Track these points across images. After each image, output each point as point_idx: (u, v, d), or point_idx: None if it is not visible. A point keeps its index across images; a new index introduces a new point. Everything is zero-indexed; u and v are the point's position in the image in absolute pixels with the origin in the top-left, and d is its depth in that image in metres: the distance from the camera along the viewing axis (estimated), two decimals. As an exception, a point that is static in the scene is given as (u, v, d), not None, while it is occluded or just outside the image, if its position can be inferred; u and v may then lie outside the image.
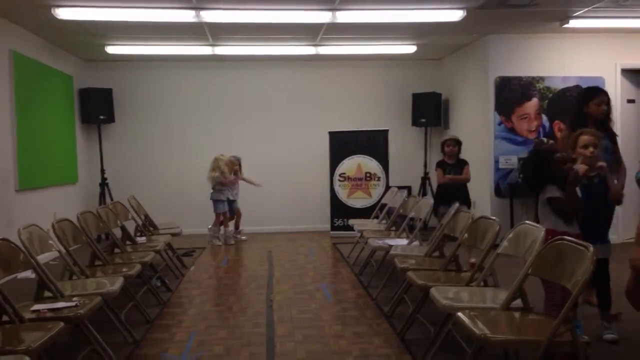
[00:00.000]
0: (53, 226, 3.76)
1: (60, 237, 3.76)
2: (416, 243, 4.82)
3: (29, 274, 3.39)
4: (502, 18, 6.08)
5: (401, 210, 5.76)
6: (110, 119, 7.95)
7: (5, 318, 2.72)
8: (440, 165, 5.87)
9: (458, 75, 8.02)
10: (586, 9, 5.78)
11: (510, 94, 6.92)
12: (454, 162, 5.78)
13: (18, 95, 5.92)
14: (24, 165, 5.99)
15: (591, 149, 3.45)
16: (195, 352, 3.46)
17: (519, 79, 6.93)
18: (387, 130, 8.08)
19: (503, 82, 6.91)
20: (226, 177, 7.30)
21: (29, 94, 6.20)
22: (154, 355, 3.44)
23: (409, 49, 7.59)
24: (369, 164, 8.05)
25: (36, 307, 2.96)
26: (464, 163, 5.80)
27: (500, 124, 6.94)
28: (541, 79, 6.93)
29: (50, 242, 3.58)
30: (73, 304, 2.96)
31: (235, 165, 7.55)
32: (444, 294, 2.93)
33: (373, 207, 7.31)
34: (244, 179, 7.70)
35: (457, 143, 5.80)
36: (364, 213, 7.53)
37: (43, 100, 6.63)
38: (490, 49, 6.94)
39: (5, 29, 5.78)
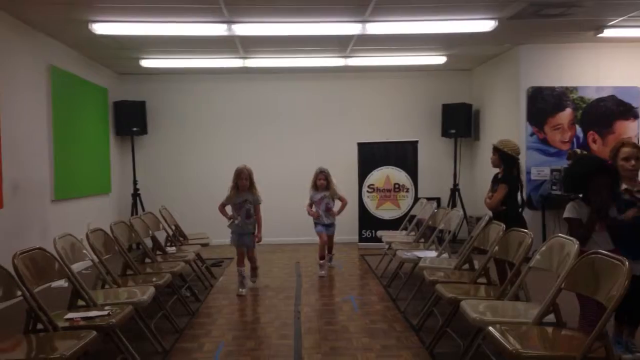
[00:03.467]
0: (87, 236, 3.84)
1: (93, 247, 3.83)
2: (445, 255, 4.76)
3: (62, 282, 3.48)
4: (534, 28, 6.01)
5: (430, 222, 5.70)
6: (143, 130, 8.11)
7: (39, 326, 2.78)
8: (493, 180, 4.75)
9: (489, 85, 7.93)
10: (621, 18, 5.66)
11: (543, 104, 6.82)
12: (499, 177, 4.67)
13: (55, 108, 6.09)
14: (60, 176, 6.15)
15: (633, 162, 3.32)
16: (223, 362, 3.49)
17: (552, 89, 6.82)
18: (416, 141, 8.03)
19: (535, 93, 6.81)
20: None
21: (65, 106, 6.37)
22: (183, 364, 3.47)
23: (439, 59, 7.55)
24: (398, 175, 8.00)
25: (69, 315, 3.02)
26: (500, 180, 4.60)
27: (532, 134, 6.83)
28: (575, 89, 6.81)
29: (84, 251, 3.65)
30: (105, 312, 3.01)
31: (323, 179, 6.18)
32: (474, 308, 2.88)
33: (402, 218, 7.26)
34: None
35: (497, 150, 4.62)
36: (393, 225, 7.48)
37: (79, 113, 6.81)
38: (522, 58, 6.86)
39: (44, 43, 5.96)
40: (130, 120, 7.98)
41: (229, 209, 5.38)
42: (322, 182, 6.10)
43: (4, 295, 2.67)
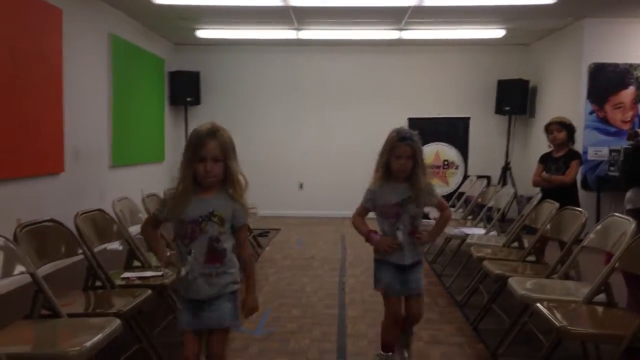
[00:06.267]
0: (143, 200, 3.99)
1: (149, 211, 3.98)
2: (494, 233, 4.70)
3: (116, 245, 3.64)
4: (600, 1, 5.73)
5: (479, 200, 5.62)
6: (197, 101, 8.27)
7: (98, 283, 2.94)
8: (541, 159, 4.67)
9: (548, 61, 7.65)
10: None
11: (605, 81, 6.53)
12: (561, 155, 4.49)
13: (115, 76, 6.28)
14: (118, 143, 6.37)
15: None
16: (269, 327, 3.58)
17: (615, 65, 6.52)
18: (468, 118, 7.88)
19: (597, 69, 6.53)
20: None
21: (124, 75, 6.56)
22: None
23: (497, 33, 7.33)
24: (448, 151, 7.89)
25: (126, 274, 3.18)
26: (573, 157, 4.46)
27: (591, 113, 6.58)
28: (639, 66, 6.49)
29: (140, 215, 3.80)
30: (159, 273, 3.14)
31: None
32: (522, 285, 2.85)
33: (450, 195, 7.16)
34: None
35: (565, 127, 4.46)
36: (441, 201, 7.40)
37: (137, 82, 7.00)
38: (585, 33, 6.57)
39: (105, 12, 6.14)
40: (185, 90, 8.15)
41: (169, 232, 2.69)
42: (403, 163, 2.61)
43: (66, 253, 2.82)
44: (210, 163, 2.07)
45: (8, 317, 2.47)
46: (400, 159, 2.59)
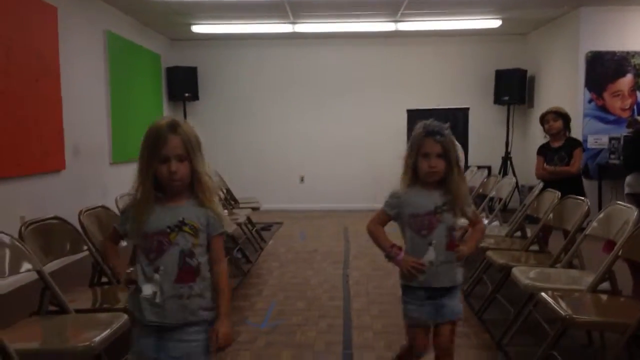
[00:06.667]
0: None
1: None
2: (496, 223, 4.71)
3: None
4: (596, -11, 5.74)
5: (481, 190, 5.63)
6: (195, 96, 8.24)
7: (104, 279, 2.94)
8: (540, 151, 4.61)
9: (545, 50, 7.65)
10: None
11: (603, 69, 6.54)
12: (560, 145, 4.47)
13: (112, 73, 6.26)
14: (117, 140, 6.36)
15: None
16: (275, 320, 3.60)
17: (613, 53, 6.52)
18: (467, 109, 7.87)
19: (594, 58, 6.53)
20: None
21: (121, 72, 6.54)
22: (236, 321, 3.59)
23: (494, 23, 7.32)
24: (448, 142, 7.87)
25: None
26: (574, 145, 4.43)
27: (590, 101, 6.58)
28: (637, 53, 6.50)
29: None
30: (164, 268, 3.14)
31: None
32: (526, 274, 2.87)
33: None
34: None
35: (560, 116, 4.45)
36: (442, 192, 7.42)
37: (134, 78, 6.98)
38: (581, 22, 6.56)
39: (100, 9, 6.11)
40: (182, 86, 8.13)
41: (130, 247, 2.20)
42: (432, 164, 2.17)
43: (71, 250, 2.83)
44: (174, 163, 1.72)
45: (16, 314, 2.48)
46: (428, 158, 2.14)
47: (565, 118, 4.46)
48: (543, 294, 2.49)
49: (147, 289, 1.71)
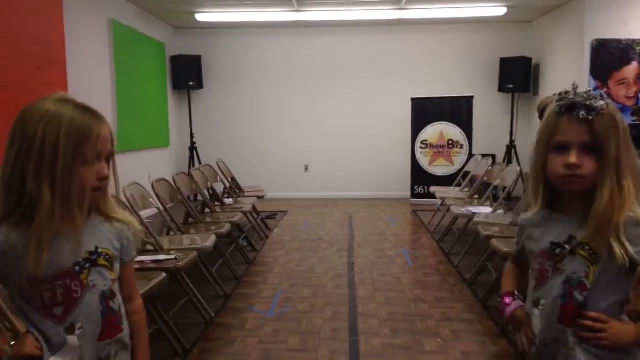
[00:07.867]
0: (153, 185, 4.02)
1: (158, 196, 4.02)
2: (500, 211, 4.73)
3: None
4: (602, -24, 5.70)
5: (485, 179, 5.65)
6: (199, 85, 8.25)
7: None
8: None
9: (550, 38, 7.62)
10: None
11: (608, 57, 6.51)
12: None
13: (117, 62, 6.28)
14: (123, 128, 6.38)
15: None
16: (281, 308, 3.64)
17: (618, 41, 6.49)
18: (472, 97, 7.87)
19: (600, 45, 6.51)
20: None
21: (126, 60, 6.55)
22: (243, 308, 3.65)
23: (499, 10, 7.29)
24: (452, 131, 7.90)
25: (139, 258, 3.21)
26: None
27: (595, 89, 6.51)
28: (643, 41, 6.48)
29: (151, 199, 3.84)
30: (172, 257, 3.19)
31: None
32: (530, 262, 2.89)
33: (455, 175, 7.21)
34: None
35: None
36: (445, 181, 7.45)
37: (138, 67, 6.99)
38: (586, 9, 6.53)
39: (104, -2, 6.13)
40: (187, 74, 8.13)
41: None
42: (571, 161, 1.26)
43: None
44: (104, 164, 1.26)
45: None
46: (562, 152, 1.27)
47: None
48: (548, 281, 2.51)
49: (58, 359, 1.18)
